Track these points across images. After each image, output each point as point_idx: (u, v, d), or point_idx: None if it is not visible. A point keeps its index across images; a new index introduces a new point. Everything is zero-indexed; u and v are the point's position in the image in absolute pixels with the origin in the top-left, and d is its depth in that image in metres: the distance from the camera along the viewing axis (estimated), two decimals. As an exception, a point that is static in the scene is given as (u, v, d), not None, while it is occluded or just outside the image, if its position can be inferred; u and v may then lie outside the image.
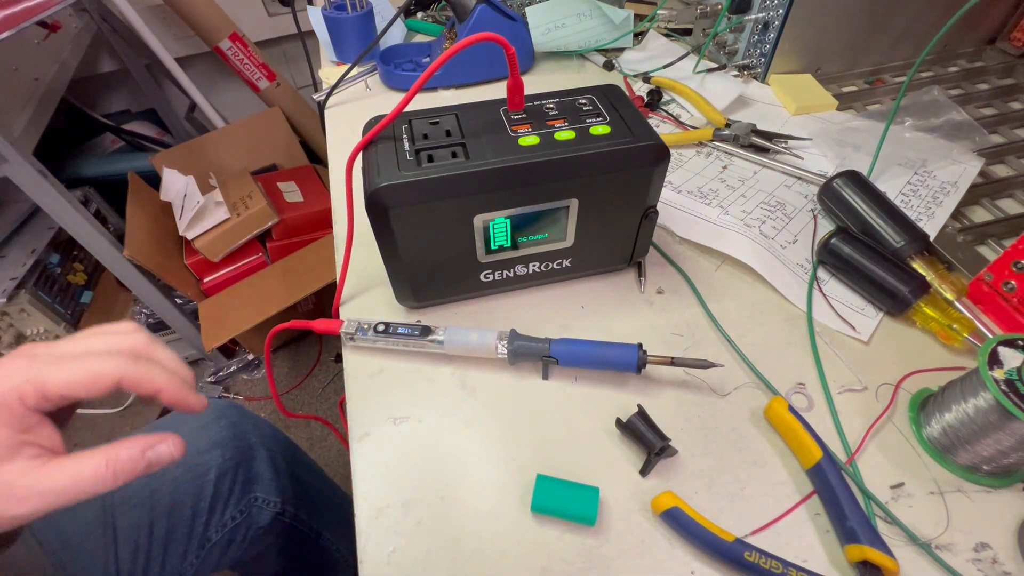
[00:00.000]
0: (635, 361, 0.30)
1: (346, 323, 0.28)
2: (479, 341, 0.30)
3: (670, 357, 0.29)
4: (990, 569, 0.26)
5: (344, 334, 0.28)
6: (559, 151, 0.31)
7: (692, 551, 0.27)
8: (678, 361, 0.30)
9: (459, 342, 0.29)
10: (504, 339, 0.30)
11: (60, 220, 0.85)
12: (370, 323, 0.28)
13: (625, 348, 0.30)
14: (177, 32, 1.23)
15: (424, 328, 0.28)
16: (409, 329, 0.27)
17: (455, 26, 0.63)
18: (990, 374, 0.26)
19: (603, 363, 0.31)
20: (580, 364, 0.30)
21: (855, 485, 0.28)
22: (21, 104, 0.87)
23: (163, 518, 0.45)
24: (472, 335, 0.29)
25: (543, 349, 0.30)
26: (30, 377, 0.21)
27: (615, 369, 0.30)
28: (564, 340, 0.31)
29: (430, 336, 0.28)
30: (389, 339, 0.27)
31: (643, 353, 0.30)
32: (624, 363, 0.30)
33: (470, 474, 0.30)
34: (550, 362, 0.30)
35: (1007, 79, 0.59)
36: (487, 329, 0.30)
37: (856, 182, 0.41)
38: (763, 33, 0.57)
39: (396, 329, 0.27)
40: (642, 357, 0.30)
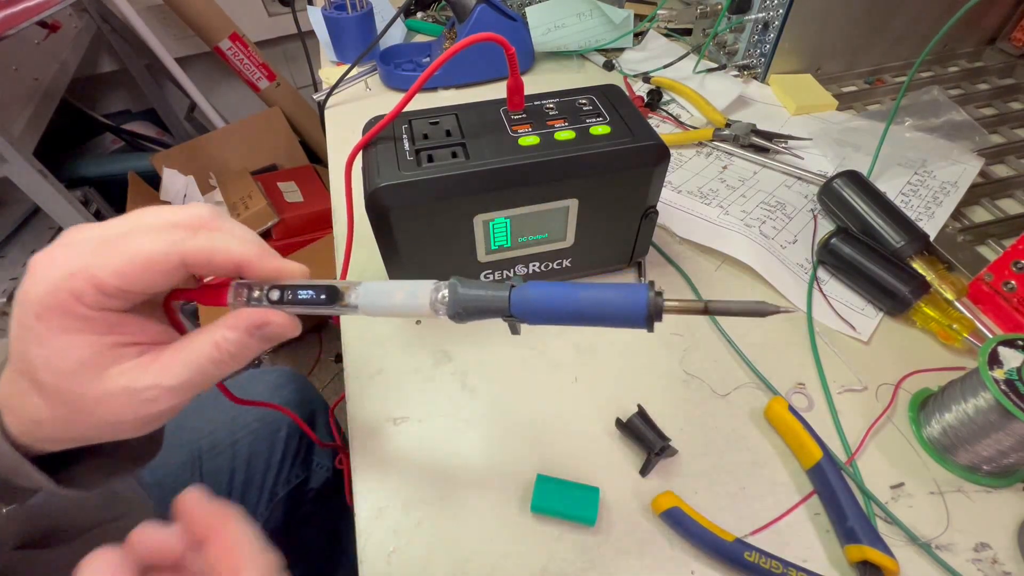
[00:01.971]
0: (643, 307, 0.19)
1: (234, 290, 0.21)
2: (407, 302, 0.21)
3: (703, 302, 0.19)
4: (990, 569, 0.26)
5: (232, 306, 0.21)
6: (559, 151, 0.31)
7: (692, 551, 0.27)
8: (715, 307, 0.19)
9: (381, 305, 0.21)
10: (443, 293, 0.21)
11: (60, 220, 0.85)
12: (264, 288, 0.21)
13: (628, 291, 0.20)
14: (177, 32, 1.23)
15: (331, 290, 0.21)
16: (312, 293, 0.21)
17: (455, 26, 0.63)
18: (990, 374, 0.26)
19: (594, 316, 0.20)
20: (559, 320, 0.20)
21: (855, 485, 0.28)
22: (21, 104, 0.87)
23: (242, 467, 0.48)
24: (397, 294, 0.21)
25: (499, 304, 0.20)
26: (74, 270, 0.17)
27: (613, 324, 0.20)
28: (534, 285, 0.21)
29: (341, 301, 0.21)
30: (287, 307, 0.21)
31: (656, 295, 0.19)
32: (626, 313, 0.19)
33: (470, 474, 0.30)
34: (515, 321, 0.21)
35: (1007, 79, 0.59)
36: (421, 280, 0.21)
37: (856, 182, 0.41)
38: (763, 33, 0.57)
39: (295, 295, 0.21)
40: (654, 301, 0.19)
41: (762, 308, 0.19)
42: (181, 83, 1.22)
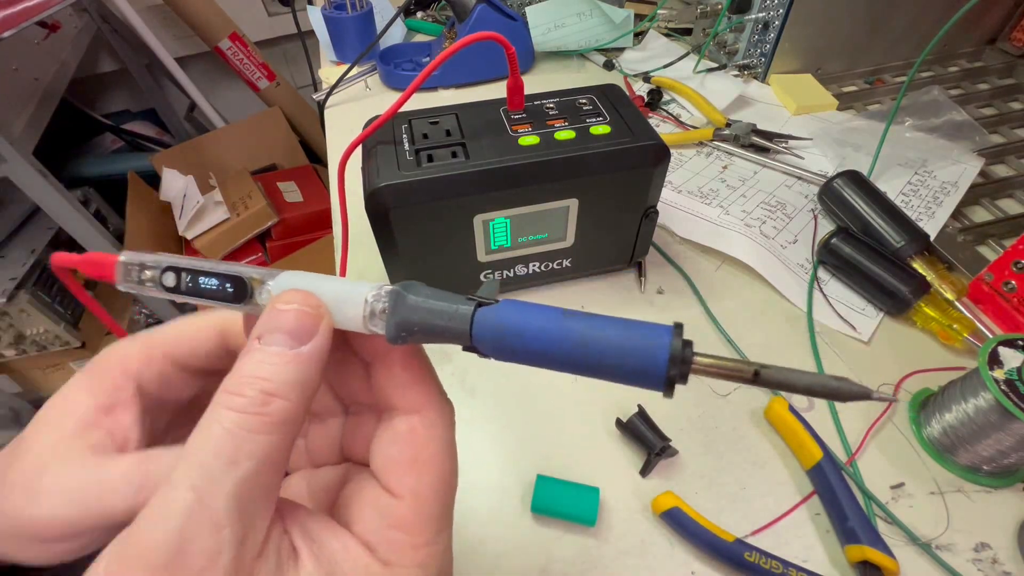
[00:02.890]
0: (662, 370, 0.13)
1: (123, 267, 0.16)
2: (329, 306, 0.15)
3: (753, 367, 0.13)
4: (990, 569, 0.26)
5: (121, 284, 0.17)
6: (559, 151, 0.31)
7: (692, 551, 0.27)
8: (770, 377, 0.13)
9: None
10: (381, 304, 0.15)
11: (60, 220, 0.85)
12: (159, 265, 0.16)
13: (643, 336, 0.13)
14: (177, 32, 1.23)
15: (239, 283, 0.16)
16: (217, 283, 0.16)
17: (455, 26, 0.63)
18: (990, 374, 0.26)
19: (589, 365, 0.14)
20: (536, 362, 0.14)
21: (855, 485, 0.28)
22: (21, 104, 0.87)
23: None
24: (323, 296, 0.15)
25: (456, 328, 0.14)
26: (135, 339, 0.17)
27: (615, 379, 0.14)
28: (511, 308, 0.14)
29: (250, 299, 0.16)
30: (184, 297, 0.16)
31: (684, 346, 0.13)
32: (636, 368, 0.13)
33: (470, 474, 0.30)
34: (477, 353, 0.15)
35: (1007, 79, 0.59)
36: (359, 283, 0.15)
37: (856, 182, 0.41)
38: (763, 33, 0.57)
39: (196, 282, 0.16)
40: (680, 356, 0.13)
41: (840, 388, 0.12)
42: (181, 83, 1.22)
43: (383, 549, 0.14)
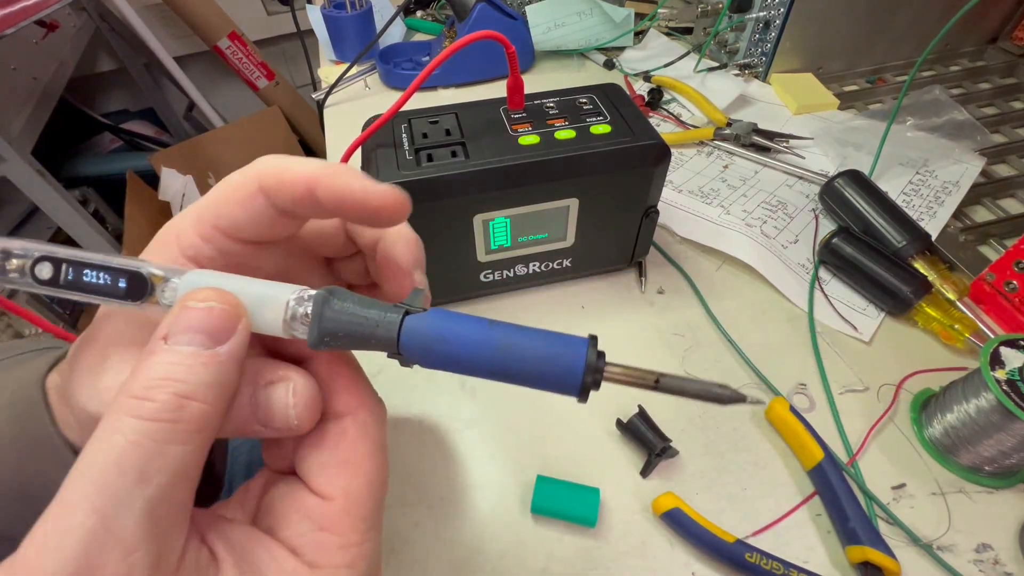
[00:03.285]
0: (577, 374, 0.14)
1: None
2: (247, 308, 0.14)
3: (654, 375, 0.14)
4: (992, 570, 0.26)
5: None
6: (559, 150, 0.31)
7: (693, 552, 0.27)
8: (669, 384, 0.14)
9: None
10: (306, 308, 0.14)
11: (58, 220, 0.85)
12: (29, 254, 0.13)
13: (560, 347, 0.14)
14: (176, 31, 1.22)
15: (135, 279, 0.14)
16: (107, 278, 0.13)
17: (455, 25, 0.62)
18: (992, 374, 0.26)
19: (510, 372, 0.14)
20: (463, 369, 0.14)
21: (856, 486, 0.28)
22: (19, 103, 0.86)
23: (241, 474, 0.47)
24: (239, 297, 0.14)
25: (383, 335, 0.14)
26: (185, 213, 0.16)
27: (536, 386, 0.15)
28: (438, 316, 0.14)
29: (150, 297, 0.14)
30: (63, 292, 0.14)
31: (597, 357, 0.14)
32: (554, 376, 0.14)
33: (469, 475, 0.30)
34: (403, 362, 0.15)
35: (1009, 78, 0.58)
36: (280, 285, 0.14)
37: (858, 182, 0.41)
38: (764, 32, 0.56)
39: (79, 275, 0.13)
40: (593, 367, 0.14)
41: (723, 394, 0.14)
42: (180, 82, 1.22)
43: (310, 552, 0.14)
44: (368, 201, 0.15)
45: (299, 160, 0.15)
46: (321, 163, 0.15)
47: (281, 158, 0.15)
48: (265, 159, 0.15)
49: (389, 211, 0.16)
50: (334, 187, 0.15)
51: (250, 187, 0.15)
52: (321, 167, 0.15)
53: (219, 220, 0.15)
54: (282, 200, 0.15)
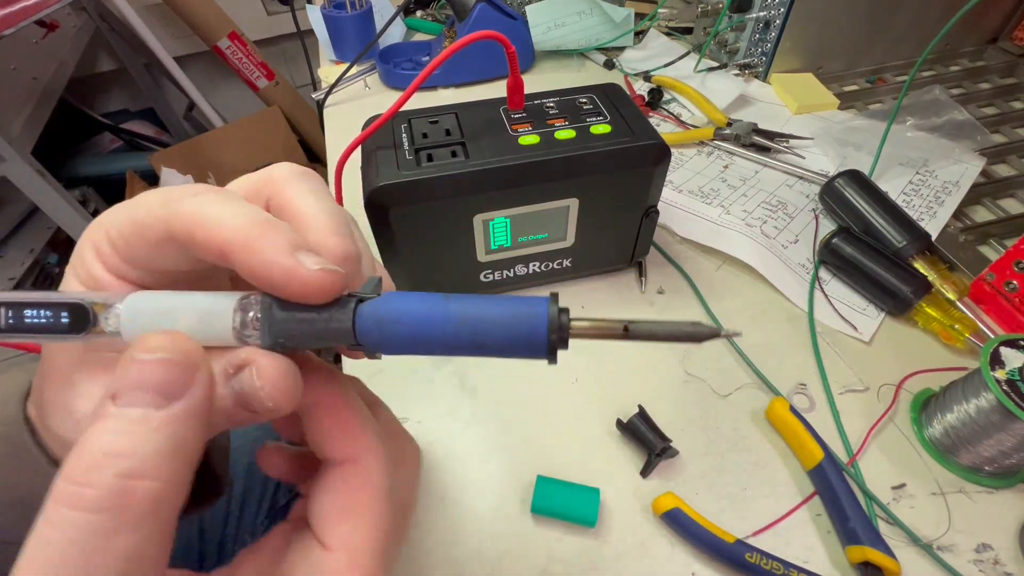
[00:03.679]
0: (542, 332, 0.14)
1: None
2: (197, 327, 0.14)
3: (621, 323, 0.14)
4: (992, 570, 0.26)
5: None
6: (559, 150, 0.31)
7: (693, 552, 0.27)
8: (638, 329, 0.14)
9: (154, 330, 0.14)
10: (252, 314, 0.14)
11: (58, 220, 0.85)
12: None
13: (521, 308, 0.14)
14: (176, 31, 1.22)
15: (76, 311, 0.13)
16: (48, 315, 0.13)
17: (455, 24, 0.62)
18: (992, 374, 0.26)
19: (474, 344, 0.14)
20: (426, 349, 0.14)
21: (856, 486, 0.28)
22: (19, 103, 0.86)
23: (242, 476, 0.47)
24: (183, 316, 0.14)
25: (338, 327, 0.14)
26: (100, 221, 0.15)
27: (503, 354, 0.14)
28: (392, 299, 0.14)
29: (94, 327, 0.13)
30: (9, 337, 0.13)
31: (560, 313, 0.14)
32: (518, 338, 0.14)
33: (469, 475, 0.30)
34: (365, 352, 0.15)
35: (1009, 78, 0.58)
36: (221, 294, 0.14)
37: (858, 182, 0.41)
38: (764, 32, 0.56)
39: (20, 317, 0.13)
40: (556, 323, 0.14)
41: (695, 331, 0.13)
42: (180, 82, 1.22)
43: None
44: (290, 287, 0.13)
45: (218, 212, 0.13)
46: (242, 223, 0.13)
47: (200, 205, 0.13)
48: (185, 203, 0.13)
49: (317, 296, 0.13)
50: (249, 264, 0.13)
51: (158, 231, 0.13)
52: (239, 231, 0.13)
53: (126, 249, 0.14)
54: (197, 255, 0.13)
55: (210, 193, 0.14)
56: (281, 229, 0.13)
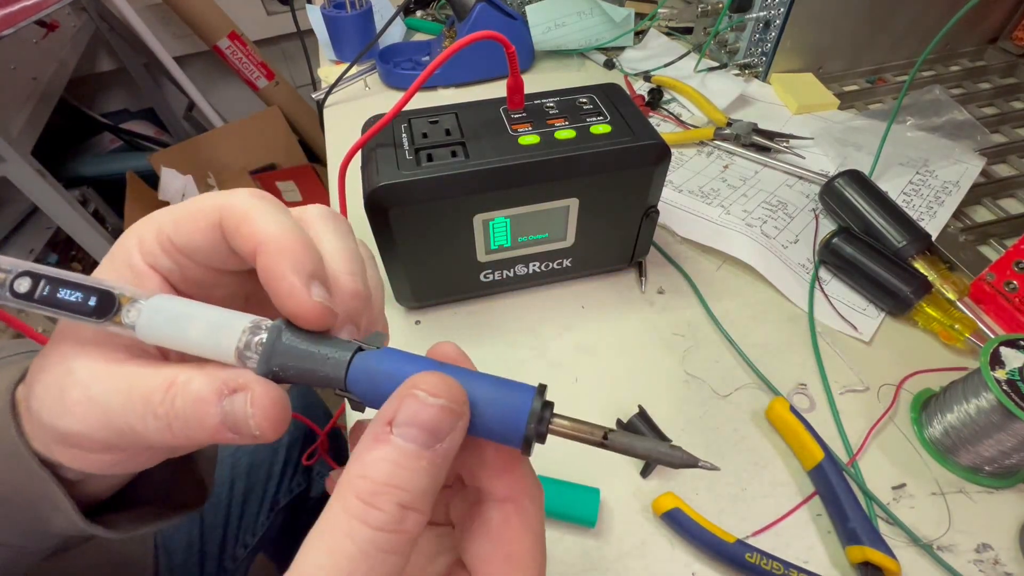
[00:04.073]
0: (520, 427, 0.14)
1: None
2: (204, 340, 0.15)
3: (602, 430, 0.14)
4: (992, 570, 0.26)
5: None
6: (559, 150, 0.31)
7: (693, 552, 0.27)
8: (617, 443, 0.14)
9: (167, 335, 0.15)
10: (260, 337, 0.14)
11: (58, 220, 0.85)
12: (10, 271, 0.15)
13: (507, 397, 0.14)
14: (176, 31, 1.22)
15: (104, 297, 0.15)
16: (79, 296, 0.14)
17: (454, 24, 0.62)
18: (992, 374, 0.26)
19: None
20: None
21: (856, 486, 0.28)
22: (19, 103, 0.86)
23: (243, 477, 0.48)
24: (195, 326, 0.15)
25: (331, 372, 0.14)
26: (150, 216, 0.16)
27: (481, 435, 0.14)
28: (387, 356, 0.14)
29: (114, 316, 0.15)
30: (36, 307, 0.15)
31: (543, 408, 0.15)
32: (498, 428, 0.14)
33: (470, 475, 0.30)
34: (352, 399, 0.15)
35: (1009, 78, 0.58)
36: (236, 314, 0.15)
37: (858, 181, 0.41)
38: (764, 32, 0.56)
39: (55, 292, 0.15)
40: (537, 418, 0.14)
41: (671, 456, 0.14)
42: (180, 82, 1.22)
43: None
44: (287, 305, 0.14)
45: (266, 215, 0.14)
46: (280, 232, 0.14)
47: (255, 203, 0.15)
48: (239, 197, 0.15)
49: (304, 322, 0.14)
50: (269, 268, 0.14)
51: (212, 218, 0.15)
52: (274, 237, 0.14)
53: (177, 237, 0.15)
54: (235, 247, 0.15)
55: (268, 201, 0.15)
56: (311, 254, 0.14)
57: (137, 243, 0.15)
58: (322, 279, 0.15)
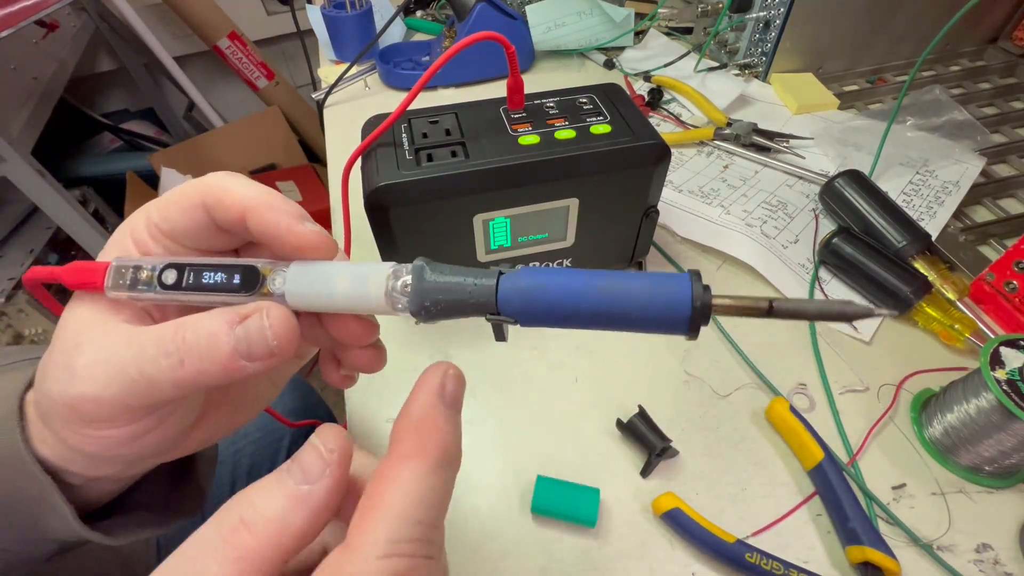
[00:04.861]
0: (685, 306, 0.14)
1: (114, 270, 0.16)
2: (353, 291, 0.15)
3: (766, 300, 0.14)
4: (992, 570, 0.26)
5: (110, 290, 0.16)
6: (559, 150, 0.31)
7: (693, 552, 0.27)
8: (783, 308, 0.14)
9: (316, 293, 0.16)
10: (403, 280, 0.15)
11: (58, 220, 0.85)
12: (155, 267, 0.16)
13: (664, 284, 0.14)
14: (176, 31, 1.22)
15: (248, 272, 0.16)
16: (222, 276, 0.15)
17: (454, 24, 0.62)
18: (992, 374, 0.26)
19: (614, 316, 0.15)
20: (564, 320, 0.15)
21: (856, 486, 0.28)
22: (19, 103, 0.86)
23: (243, 478, 0.48)
24: (340, 281, 0.15)
25: (481, 297, 0.15)
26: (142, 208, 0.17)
27: (642, 328, 0.14)
28: (531, 272, 0.15)
29: (262, 287, 0.16)
30: (187, 295, 0.16)
31: (703, 290, 0.14)
32: (662, 313, 0.14)
33: (469, 475, 0.30)
34: (503, 321, 0.15)
35: (1009, 78, 0.58)
36: (375, 263, 0.16)
37: (858, 182, 0.41)
38: (764, 32, 0.56)
39: (199, 277, 0.15)
40: (701, 298, 0.14)
41: (846, 309, 0.13)
42: (180, 82, 1.22)
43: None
44: (289, 240, 0.16)
45: (242, 184, 0.16)
46: (260, 192, 0.16)
47: (228, 178, 0.16)
48: (214, 176, 0.17)
49: (310, 252, 0.16)
50: (263, 221, 0.16)
51: (194, 199, 0.16)
52: (258, 196, 0.16)
53: (163, 223, 0.17)
54: (219, 218, 0.16)
55: (238, 175, 0.17)
56: (292, 203, 0.17)
57: (130, 232, 0.17)
58: (308, 219, 0.17)
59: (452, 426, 0.15)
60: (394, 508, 0.13)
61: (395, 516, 0.13)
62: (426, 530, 0.13)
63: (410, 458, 0.14)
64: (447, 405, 0.15)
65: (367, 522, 0.13)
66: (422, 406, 0.15)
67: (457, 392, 0.15)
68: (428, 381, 0.15)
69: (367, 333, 0.18)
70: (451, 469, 0.15)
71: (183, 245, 0.17)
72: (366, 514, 0.13)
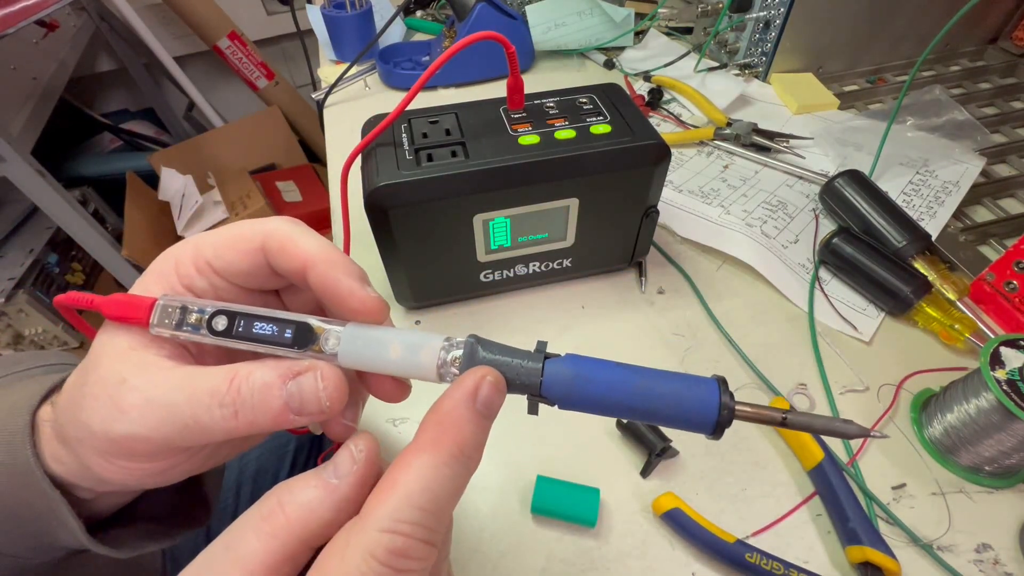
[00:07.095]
0: (712, 413, 0.15)
1: (160, 308, 0.16)
2: (405, 359, 0.16)
3: (780, 413, 0.16)
4: (992, 570, 0.26)
5: (154, 328, 0.16)
6: (559, 150, 0.31)
7: (693, 552, 0.27)
8: (794, 421, 0.16)
9: (368, 357, 0.16)
10: (455, 354, 0.16)
11: (58, 220, 0.85)
12: (204, 311, 0.16)
13: (696, 390, 0.16)
14: (176, 31, 1.22)
15: (302, 328, 0.16)
16: (274, 329, 0.16)
17: (454, 24, 0.62)
18: (992, 374, 0.26)
19: (649, 413, 0.16)
20: (601, 411, 0.16)
21: (856, 486, 0.28)
22: (19, 103, 0.86)
23: (249, 482, 0.48)
24: (394, 347, 0.16)
25: (527, 380, 0.16)
26: (190, 240, 0.18)
27: (671, 425, 0.16)
28: (577, 362, 0.16)
29: (314, 345, 0.16)
30: (233, 342, 0.16)
31: (728, 398, 0.16)
32: (691, 416, 0.16)
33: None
34: (544, 403, 0.17)
35: (1009, 78, 0.58)
36: (428, 334, 0.17)
37: (858, 181, 0.41)
38: (764, 32, 0.56)
39: (250, 327, 0.16)
40: (726, 406, 0.15)
41: (848, 429, 0.16)
42: (180, 82, 1.22)
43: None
44: (350, 303, 0.17)
45: (306, 236, 0.17)
46: (324, 247, 0.17)
47: (292, 226, 0.17)
48: (278, 222, 0.17)
49: (367, 316, 0.17)
50: (326, 277, 0.16)
51: (255, 242, 0.17)
52: (322, 252, 0.16)
53: (216, 260, 0.17)
54: (279, 266, 0.17)
55: (304, 225, 0.17)
56: (354, 264, 0.17)
57: (174, 265, 0.17)
58: (368, 281, 0.17)
59: (474, 426, 0.15)
60: (400, 490, 0.14)
61: (400, 498, 0.14)
62: (426, 516, 0.14)
63: (425, 449, 0.15)
64: (476, 408, 0.15)
65: (376, 500, 0.14)
66: (449, 402, 0.15)
67: (490, 398, 0.16)
68: (464, 381, 0.16)
69: (402, 392, 0.19)
70: (464, 467, 0.15)
71: (232, 283, 0.18)
72: (378, 493, 0.14)
